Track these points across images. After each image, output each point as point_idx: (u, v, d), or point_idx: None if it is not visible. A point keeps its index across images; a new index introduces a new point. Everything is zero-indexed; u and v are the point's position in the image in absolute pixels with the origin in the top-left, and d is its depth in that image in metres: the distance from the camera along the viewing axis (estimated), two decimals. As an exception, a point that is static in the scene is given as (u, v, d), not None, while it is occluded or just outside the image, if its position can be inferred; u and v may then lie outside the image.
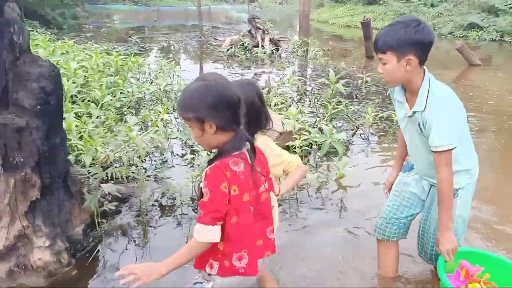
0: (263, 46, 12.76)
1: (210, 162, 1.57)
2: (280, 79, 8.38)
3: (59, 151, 2.83)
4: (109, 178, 3.61)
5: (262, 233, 1.70)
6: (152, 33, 18.28)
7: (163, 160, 4.60)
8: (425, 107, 2.00)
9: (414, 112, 2.07)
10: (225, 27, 21.71)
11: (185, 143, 5.01)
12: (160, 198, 3.73)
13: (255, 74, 9.91)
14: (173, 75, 8.32)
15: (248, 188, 1.58)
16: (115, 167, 3.76)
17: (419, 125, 2.07)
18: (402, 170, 2.47)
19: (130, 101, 6.15)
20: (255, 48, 12.73)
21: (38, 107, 2.58)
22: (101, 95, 5.54)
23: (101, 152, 3.88)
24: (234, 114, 1.53)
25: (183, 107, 1.54)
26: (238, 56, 12.19)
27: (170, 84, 7.37)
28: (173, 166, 4.45)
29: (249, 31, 13.38)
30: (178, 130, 5.27)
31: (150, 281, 1.50)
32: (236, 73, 9.85)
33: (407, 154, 2.43)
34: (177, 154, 4.76)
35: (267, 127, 1.97)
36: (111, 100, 5.58)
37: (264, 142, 2.02)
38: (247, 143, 1.60)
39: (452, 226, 2.09)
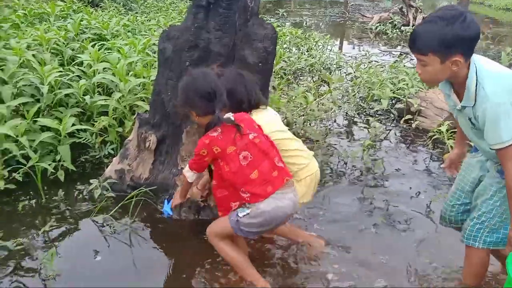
0: (413, 25, 12.20)
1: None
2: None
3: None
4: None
5: (272, 166, 2.17)
6: (295, 7, 18.65)
7: (327, 127, 4.86)
8: (475, 102, 1.78)
9: (464, 107, 1.87)
10: (367, 4, 21.09)
11: (346, 113, 5.21)
12: (329, 160, 4.00)
13: (401, 53, 9.58)
14: (326, 48, 8.50)
15: (231, 142, 2.11)
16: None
17: (470, 119, 1.87)
18: (471, 150, 2.23)
19: (291, 69, 6.54)
20: (404, 27, 12.23)
21: (260, 64, 2.96)
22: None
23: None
24: (207, 104, 2.11)
25: (177, 101, 2.28)
26: (387, 34, 11.86)
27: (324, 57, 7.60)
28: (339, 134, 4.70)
29: (401, 9, 12.87)
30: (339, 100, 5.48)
31: (175, 202, 2.55)
32: (386, 51, 9.64)
33: None
34: (336, 123, 5.00)
35: (260, 106, 2.48)
36: (280, 68, 6.01)
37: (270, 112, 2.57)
38: (221, 119, 2.13)
39: None
